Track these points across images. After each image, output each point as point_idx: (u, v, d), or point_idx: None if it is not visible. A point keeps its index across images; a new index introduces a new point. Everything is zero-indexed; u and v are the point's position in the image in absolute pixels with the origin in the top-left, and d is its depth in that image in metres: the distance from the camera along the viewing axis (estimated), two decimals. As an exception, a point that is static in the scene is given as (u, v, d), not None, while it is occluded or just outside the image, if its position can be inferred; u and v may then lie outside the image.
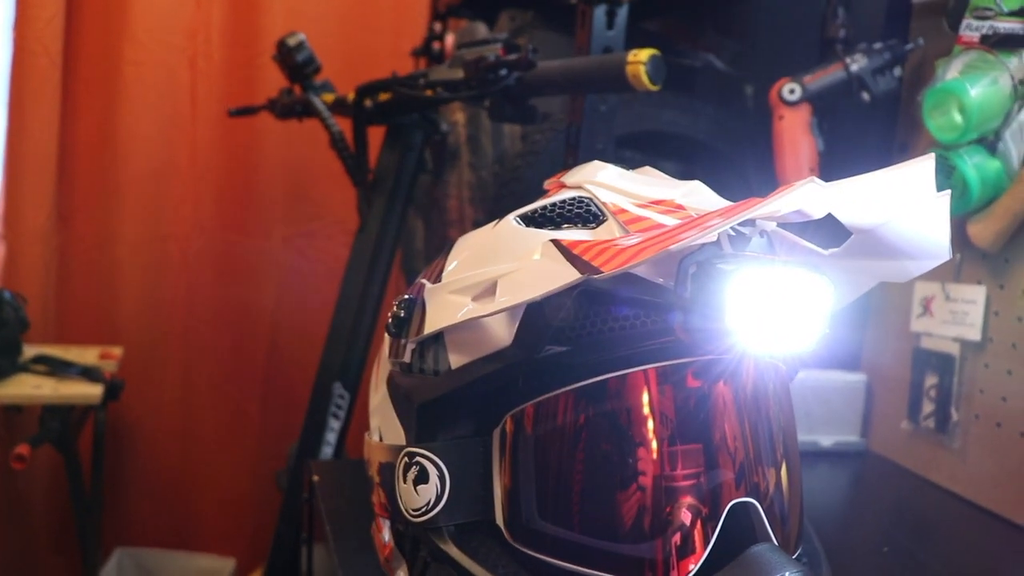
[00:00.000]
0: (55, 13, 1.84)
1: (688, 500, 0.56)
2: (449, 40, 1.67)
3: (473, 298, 0.58)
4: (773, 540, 0.56)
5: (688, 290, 0.51)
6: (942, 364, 1.09)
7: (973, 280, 1.06)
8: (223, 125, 1.95)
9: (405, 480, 0.60)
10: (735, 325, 0.48)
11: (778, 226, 0.61)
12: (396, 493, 0.62)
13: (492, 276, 0.57)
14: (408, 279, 1.64)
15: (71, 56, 1.92)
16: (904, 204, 0.52)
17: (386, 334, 0.68)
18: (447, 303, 0.60)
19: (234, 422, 2.11)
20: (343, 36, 2.02)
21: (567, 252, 0.51)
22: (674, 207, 0.59)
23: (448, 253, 0.67)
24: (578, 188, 0.63)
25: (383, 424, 0.68)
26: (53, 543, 1.99)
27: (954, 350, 1.08)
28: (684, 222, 0.53)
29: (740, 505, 0.56)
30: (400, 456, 0.61)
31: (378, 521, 0.69)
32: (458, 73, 1.08)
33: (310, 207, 2.08)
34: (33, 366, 1.68)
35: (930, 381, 1.11)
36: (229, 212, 2.06)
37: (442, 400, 0.59)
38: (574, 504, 0.57)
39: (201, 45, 1.99)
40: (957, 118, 0.99)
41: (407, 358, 0.64)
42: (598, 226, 0.59)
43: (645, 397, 0.57)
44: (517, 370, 0.56)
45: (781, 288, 0.49)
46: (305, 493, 0.99)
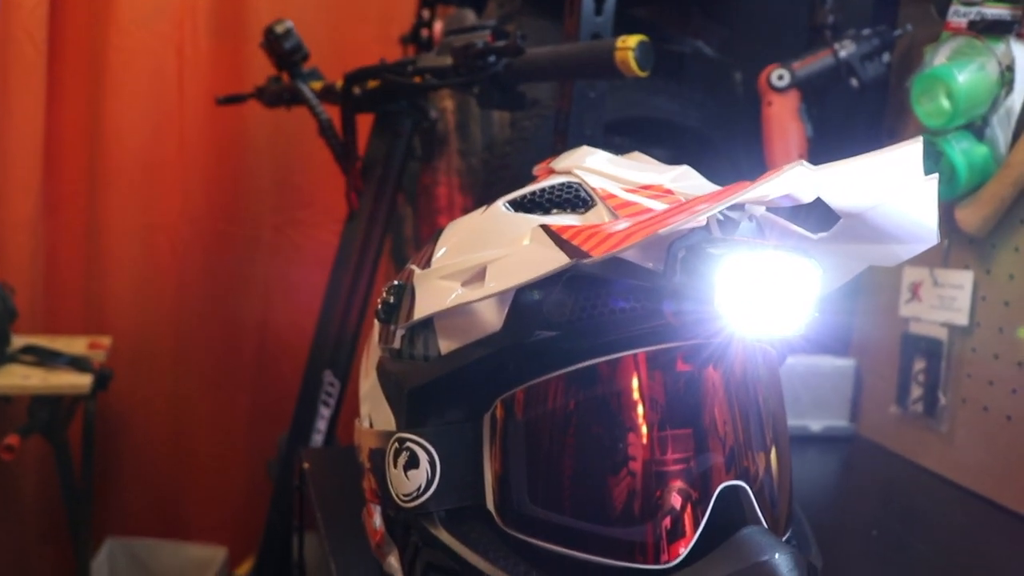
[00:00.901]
0: (40, 1, 1.82)
1: (678, 484, 0.56)
2: (437, 27, 1.66)
3: (463, 283, 0.58)
4: (763, 523, 0.56)
5: (677, 274, 0.51)
6: (930, 349, 1.10)
7: (960, 265, 1.07)
8: (211, 113, 1.94)
9: (395, 466, 0.60)
10: (724, 309, 0.48)
11: (767, 210, 0.61)
12: (387, 479, 0.62)
13: (482, 261, 0.57)
14: (397, 266, 1.63)
15: (56, 44, 1.90)
16: (892, 187, 0.52)
17: (376, 320, 0.68)
18: (437, 289, 0.60)
19: (224, 411, 2.10)
20: (331, 23, 2.00)
21: (556, 237, 0.51)
22: (663, 192, 0.59)
23: (437, 239, 0.67)
24: (567, 173, 0.63)
25: (373, 410, 0.68)
26: (43, 533, 1.98)
27: (942, 335, 1.09)
28: (673, 207, 0.53)
29: (730, 488, 0.57)
30: (390, 442, 0.61)
31: (369, 507, 0.69)
32: (446, 60, 1.07)
33: (299, 195, 2.07)
34: (22, 356, 1.67)
35: (918, 366, 1.11)
36: (218, 201, 2.05)
37: (432, 385, 0.59)
38: (565, 488, 0.58)
39: (188, 32, 1.97)
40: (945, 104, 0.99)
41: (397, 344, 0.64)
42: (587, 211, 0.59)
43: (635, 381, 0.57)
44: (507, 355, 0.56)
45: (770, 272, 0.49)
46: (296, 481, 0.99)
